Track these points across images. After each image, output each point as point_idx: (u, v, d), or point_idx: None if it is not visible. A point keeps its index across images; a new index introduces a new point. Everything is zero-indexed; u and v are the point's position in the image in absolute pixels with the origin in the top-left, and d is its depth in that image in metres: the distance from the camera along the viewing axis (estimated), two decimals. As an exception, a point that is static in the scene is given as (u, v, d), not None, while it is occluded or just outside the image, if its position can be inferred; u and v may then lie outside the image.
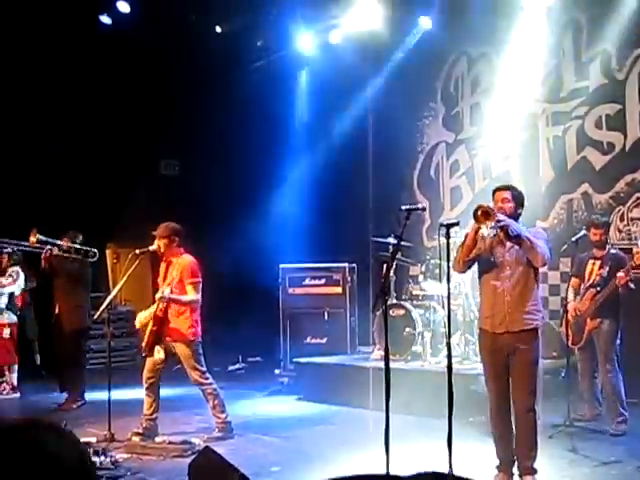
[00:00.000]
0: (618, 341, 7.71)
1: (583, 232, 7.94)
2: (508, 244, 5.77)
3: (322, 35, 12.31)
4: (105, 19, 11.58)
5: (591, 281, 7.85)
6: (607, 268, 7.66)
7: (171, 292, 7.61)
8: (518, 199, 5.95)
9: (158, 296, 7.65)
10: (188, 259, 7.78)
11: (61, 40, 11.26)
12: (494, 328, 5.77)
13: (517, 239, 5.64)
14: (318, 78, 12.96)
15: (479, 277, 6.03)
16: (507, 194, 5.92)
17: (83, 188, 12.22)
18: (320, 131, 12.77)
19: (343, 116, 12.61)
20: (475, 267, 6.02)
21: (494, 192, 6.00)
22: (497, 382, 5.81)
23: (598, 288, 7.71)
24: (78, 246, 9.61)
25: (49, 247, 9.46)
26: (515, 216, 5.83)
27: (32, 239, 9.45)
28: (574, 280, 8.12)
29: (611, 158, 10.27)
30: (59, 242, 9.54)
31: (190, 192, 12.65)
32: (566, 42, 10.56)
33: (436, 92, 12.45)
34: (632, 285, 7.58)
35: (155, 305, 7.66)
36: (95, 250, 9.64)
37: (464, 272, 6.24)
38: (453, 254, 5.67)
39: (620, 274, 7.47)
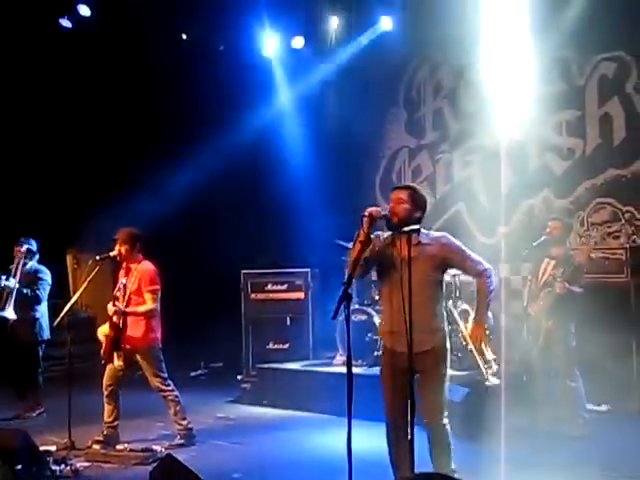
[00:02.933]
0: (574, 343, 7.71)
1: (544, 237, 7.99)
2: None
3: (285, 39, 12.34)
4: (65, 22, 11.48)
5: (544, 280, 7.87)
6: (561, 269, 7.64)
7: (128, 302, 7.57)
8: (417, 202, 5.38)
9: (112, 309, 7.57)
10: (147, 266, 7.72)
11: (21, 43, 11.15)
12: None
13: None
14: (283, 82, 12.95)
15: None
16: (403, 194, 5.38)
17: (43, 192, 12.08)
18: (284, 134, 12.74)
19: (307, 119, 12.61)
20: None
21: (391, 191, 5.51)
22: None
23: (550, 288, 7.73)
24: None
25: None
26: (412, 220, 5.29)
27: None
28: (530, 280, 8.17)
29: (571, 163, 10.38)
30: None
31: (151, 195, 12.55)
32: (527, 48, 10.64)
33: (399, 97, 12.51)
34: (576, 289, 7.58)
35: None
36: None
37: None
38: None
39: (557, 285, 7.52)
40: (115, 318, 7.56)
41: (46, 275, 9.64)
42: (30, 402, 9.47)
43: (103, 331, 7.69)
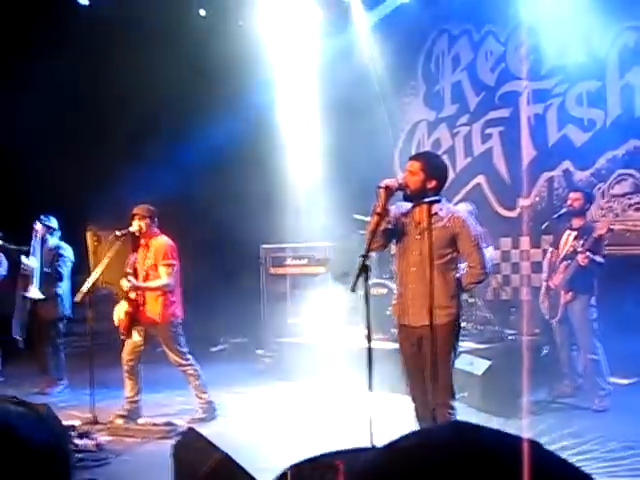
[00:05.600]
0: (594, 315, 7.67)
1: (564, 209, 7.93)
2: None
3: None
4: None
5: (564, 252, 7.82)
6: (582, 241, 7.59)
7: (146, 277, 7.60)
8: (431, 171, 5.25)
9: (126, 285, 7.60)
10: (163, 240, 7.74)
11: (38, 19, 11.17)
12: None
13: None
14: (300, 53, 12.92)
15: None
16: (416, 164, 5.27)
17: (62, 169, 12.11)
18: (299, 106, 12.71)
19: (322, 93, 12.55)
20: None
21: (407, 162, 5.43)
22: None
23: (570, 261, 7.68)
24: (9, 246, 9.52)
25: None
26: (426, 190, 5.23)
27: None
28: (550, 253, 8.12)
29: (592, 135, 10.27)
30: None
31: (169, 173, 12.55)
32: (547, 19, 10.52)
33: (417, 70, 12.41)
34: (598, 259, 7.53)
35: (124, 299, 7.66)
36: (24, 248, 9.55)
37: None
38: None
39: (579, 256, 7.46)
40: (132, 294, 7.59)
41: (67, 252, 9.71)
42: (52, 377, 9.55)
43: (119, 310, 7.71)
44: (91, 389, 7.52)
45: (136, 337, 7.59)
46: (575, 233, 7.75)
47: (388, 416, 6.26)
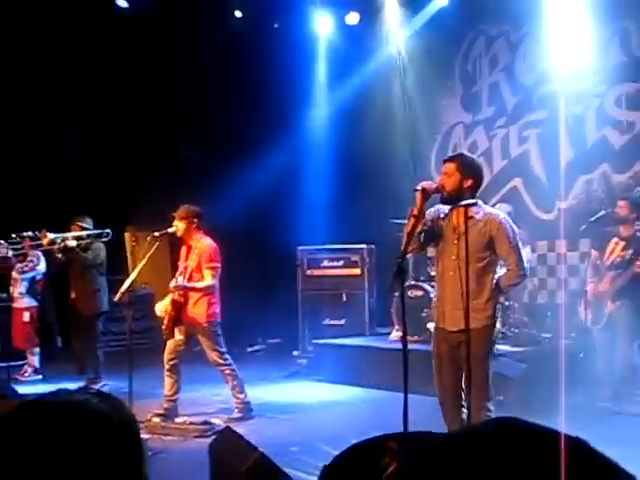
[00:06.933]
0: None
1: (602, 212, 7.88)
2: None
3: (339, 16, 12.34)
4: (122, 2, 11.61)
5: (611, 261, 7.77)
6: (631, 251, 7.54)
7: (189, 278, 7.68)
8: (466, 171, 5.29)
9: (172, 285, 7.70)
10: (206, 243, 7.79)
11: (78, 24, 11.30)
12: None
13: None
14: (335, 59, 12.96)
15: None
16: (451, 166, 5.31)
17: (102, 171, 12.27)
18: (338, 114, 12.74)
19: (360, 98, 12.57)
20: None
21: (442, 164, 5.50)
22: None
23: (619, 270, 7.63)
24: (90, 232, 9.61)
25: (63, 242, 9.46)
26: (463, 190, 5.26)
27: (45, 241, 9.46)
28: (593, 253, 8.06)
29: (631, 137, 10.18)
30: (69, 234, 9.53)
31: (208, 175, 12.66)
32: (585, 19, 10.45)
33: (454, 71, 12.38)
34: None
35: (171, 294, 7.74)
36: (108, 230, 9.63)
37: None
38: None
39: (637, 262, 7.40)
40: (176, 294, 7.68)
41: (99, 249, 9.78)
42: (91, 376, 9.67)
43: (161, 307, 7.81)
44: (129, 388, 7.59)
45: (178, 336, 7.67)
46: (624, 243, 7.69)
47: (422, 417, 6.27)
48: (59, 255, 9.53)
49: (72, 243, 9.46)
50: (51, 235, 9.41)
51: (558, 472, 0.89)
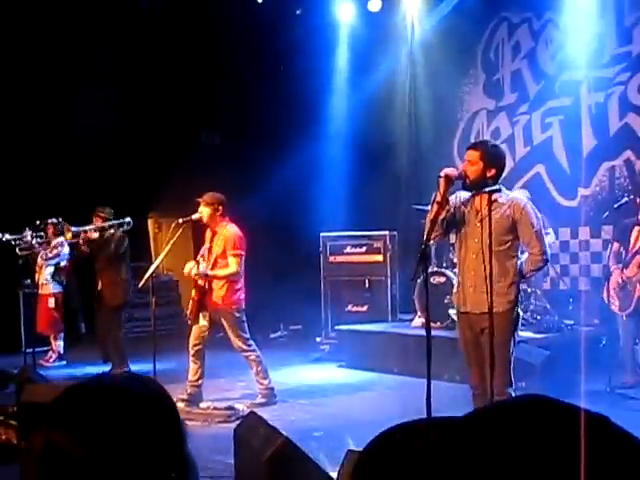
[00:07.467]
0: None
1: (626, 199, 7.86)
2: None
3: (361, 3, 12.34)
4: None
5: (637, 247, 7.75)
6: None
7: (214, 264, 7.72)
8: (490, 159, 5.26)
9: (194, 272, 7.74)
10: (232, 230, 7.82)
11: (103, 8, 11.37)
12: None
13: None
14: (357, 46, 12.96)
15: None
16: (474, 154, 5.28)
17: (124, 158, 12.33)
18: (360, 100, 12.75)
19: (382, 85, 12.57)
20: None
21: (465, 151, 5.50)
22: None
23: (645, 256, 7.62)
24: (111, 222, 9.66)
25: (86, 234, 9.54)
26: (485, 178, 5.23)
27: (68, 235, 9.56)
28: (615, 245, 8.05)
29: (654, 124, 10.15)
30: (91, 227, 9.60)
31: (230, 161, 12.71)
32: (608, 7, 10.40)
33: (476, 58, 12.35)
34: None
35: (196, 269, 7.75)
36: (129, 219, 9.66)
37: None
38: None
39: None
40: (200, 281, 7.73)
41: (122, 239, 9.85)
42: (115, 363, 9.74)
43: (190, 266, 7.81)
44: (154, 373, 7.67)
45: (202, 322, 7.72)
46: None
47: (444, 404, 6.30)
48: (83, 247, 9.62)
49: (94, 235, 9.54)
50: (74, 229, 9.50)
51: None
